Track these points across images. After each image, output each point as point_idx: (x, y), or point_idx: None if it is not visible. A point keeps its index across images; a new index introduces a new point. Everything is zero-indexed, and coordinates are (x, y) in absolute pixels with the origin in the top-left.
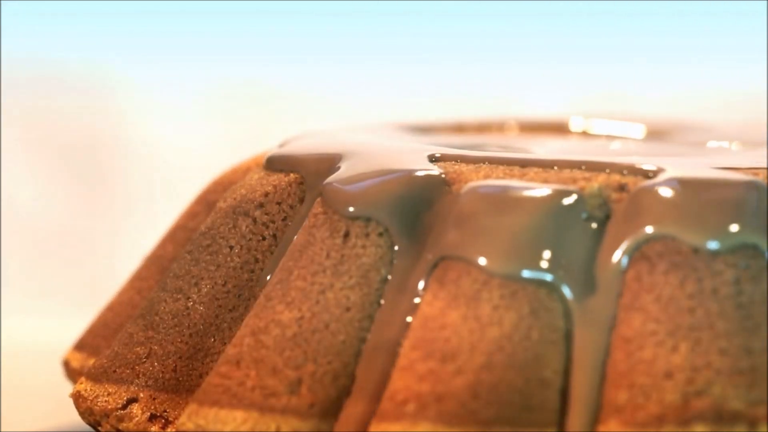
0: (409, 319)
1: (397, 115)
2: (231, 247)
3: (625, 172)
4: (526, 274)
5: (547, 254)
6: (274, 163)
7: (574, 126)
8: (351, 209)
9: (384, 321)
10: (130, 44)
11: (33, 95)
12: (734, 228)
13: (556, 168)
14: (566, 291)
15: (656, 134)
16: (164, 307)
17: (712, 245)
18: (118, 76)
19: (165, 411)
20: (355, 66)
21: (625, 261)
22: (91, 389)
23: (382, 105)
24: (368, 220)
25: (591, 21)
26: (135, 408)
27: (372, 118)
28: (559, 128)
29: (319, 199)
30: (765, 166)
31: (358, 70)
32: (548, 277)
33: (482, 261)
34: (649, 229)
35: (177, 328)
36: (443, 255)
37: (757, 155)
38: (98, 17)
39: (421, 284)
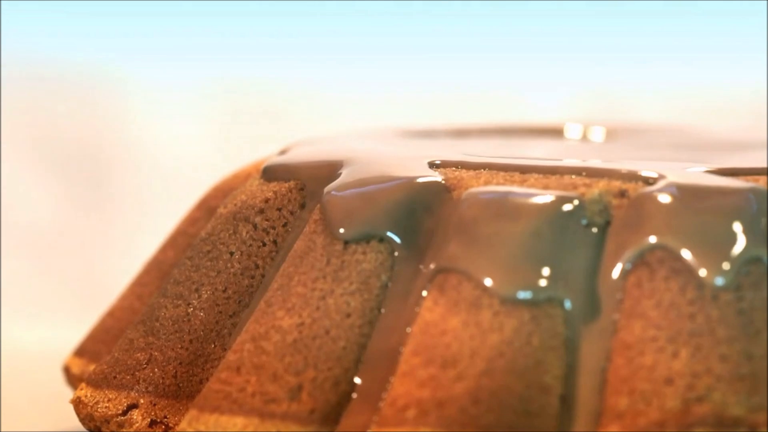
0: (409, 325)
1: (398, 117)
2: (231, 253)
3: (625, 178)
4: (527, 295)
5: (546, 270)
6: (272, 173)
7: (573, 130)
8: (342, 230)
9: (385, 327)
10: (131, 44)
11: (33, 95)
12: (737, 250)
13: (556, 174)
14: (567, 300)
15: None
16: (165, 313)
17: (719, 281)
18: (118, 77)
19: (165, 417)
20: (356, 67)
21: (626, 268)
22: (91, 395)
23: (382, 107)
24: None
25: (590, 21)
26: (135, 414)
27: (372, 119)
28: (557, 132)
29: (319, 206)
30: (765, 170)
31: (358, 71)
32: (549, 293)
33: (487, 282)
34: (652, 239)
35: (177, 334)
36: (444, 267)
37: (757, 158)
38: (98, 17)
39: (421, 291)
